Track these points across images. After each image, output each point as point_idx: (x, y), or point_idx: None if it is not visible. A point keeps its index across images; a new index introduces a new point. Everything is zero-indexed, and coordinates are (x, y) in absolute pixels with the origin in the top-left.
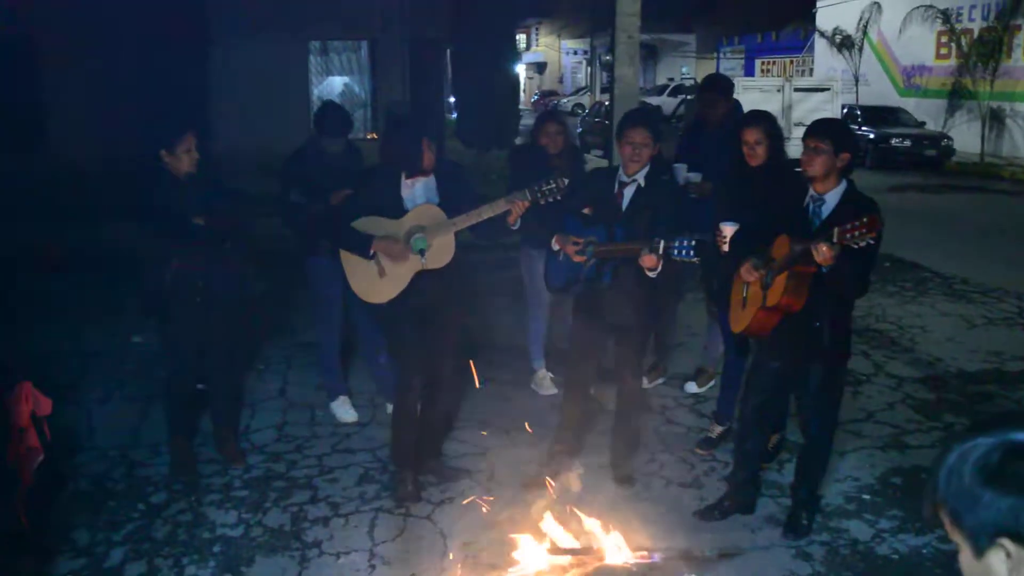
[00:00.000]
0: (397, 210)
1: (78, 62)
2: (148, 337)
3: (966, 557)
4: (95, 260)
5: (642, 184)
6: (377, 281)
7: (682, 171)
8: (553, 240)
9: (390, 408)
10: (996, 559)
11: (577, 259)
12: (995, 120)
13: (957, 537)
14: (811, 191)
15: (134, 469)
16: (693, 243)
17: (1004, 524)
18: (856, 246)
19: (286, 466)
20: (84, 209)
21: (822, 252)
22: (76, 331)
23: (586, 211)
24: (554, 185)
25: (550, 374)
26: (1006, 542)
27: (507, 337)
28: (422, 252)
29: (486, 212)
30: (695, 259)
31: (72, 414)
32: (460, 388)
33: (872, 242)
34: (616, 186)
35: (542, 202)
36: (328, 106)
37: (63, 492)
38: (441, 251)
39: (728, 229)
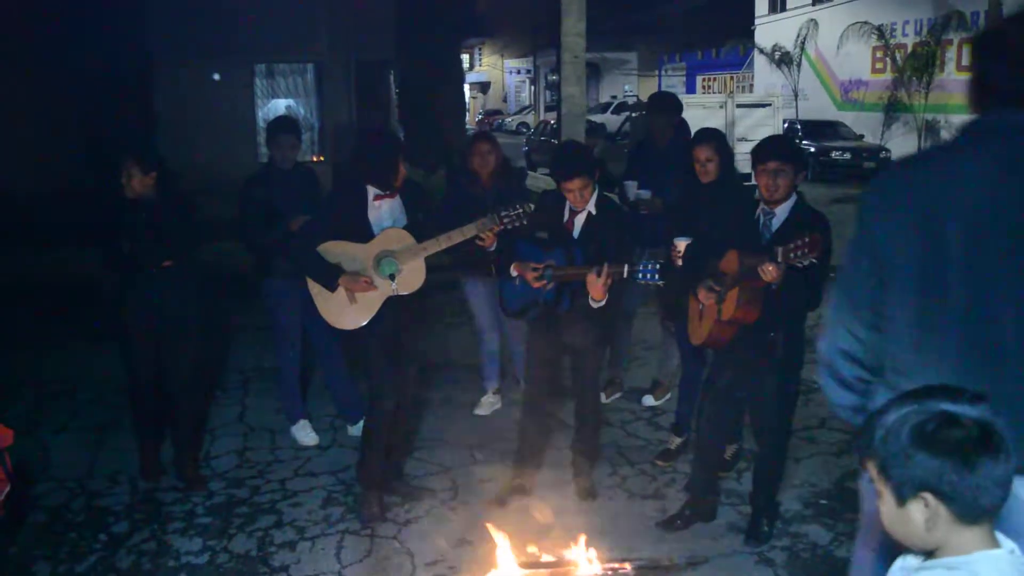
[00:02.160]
0: (364, 234)
1: (18, 87)
2: None
3: (888, 505)
4: (38, 287)
5: (593, 212)
6: (347, 307)
7: (633, 188)
8: (512, 267)
9: (351, 430)
10: (916, 509)
11: (536, 285)
12: (930, 132)
13: (881, 487)
14: (762, 204)
15: (93, 500)
16: (658, 266)
17: (928, 481)
18: (800, 265)
19: (249, 491)
20: (26, 235)
21: (769, 272)
22: (27, 360)
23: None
24: (520, 210)
25: (492, 396)
26: (928, 496)
27: (462, 355)
28: (392, 276)
29: (456, 237)
30: (660, 282)
31: (27, 445)
32: (420, 407)
33: (815, 261)
34: (567, 214)
35: (510, 227)
36: (276, 117)
37: (23, 525)
38: (412, 276)
39: (682, 244)
